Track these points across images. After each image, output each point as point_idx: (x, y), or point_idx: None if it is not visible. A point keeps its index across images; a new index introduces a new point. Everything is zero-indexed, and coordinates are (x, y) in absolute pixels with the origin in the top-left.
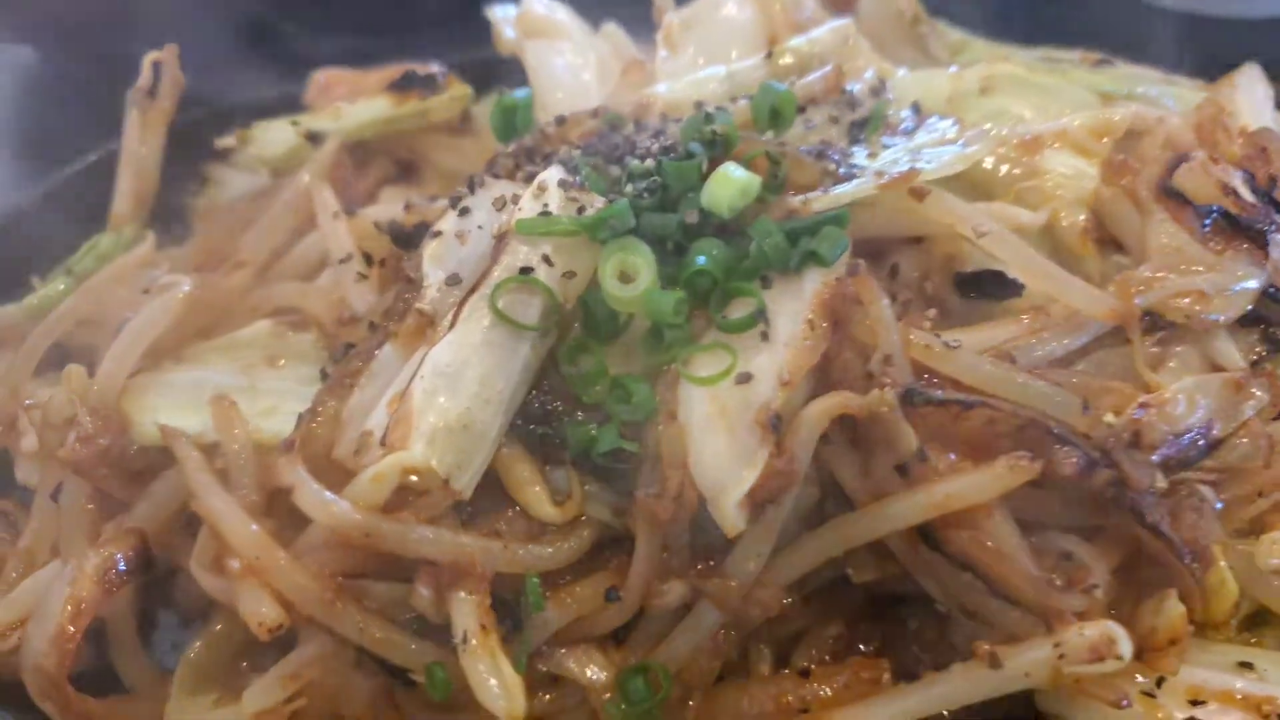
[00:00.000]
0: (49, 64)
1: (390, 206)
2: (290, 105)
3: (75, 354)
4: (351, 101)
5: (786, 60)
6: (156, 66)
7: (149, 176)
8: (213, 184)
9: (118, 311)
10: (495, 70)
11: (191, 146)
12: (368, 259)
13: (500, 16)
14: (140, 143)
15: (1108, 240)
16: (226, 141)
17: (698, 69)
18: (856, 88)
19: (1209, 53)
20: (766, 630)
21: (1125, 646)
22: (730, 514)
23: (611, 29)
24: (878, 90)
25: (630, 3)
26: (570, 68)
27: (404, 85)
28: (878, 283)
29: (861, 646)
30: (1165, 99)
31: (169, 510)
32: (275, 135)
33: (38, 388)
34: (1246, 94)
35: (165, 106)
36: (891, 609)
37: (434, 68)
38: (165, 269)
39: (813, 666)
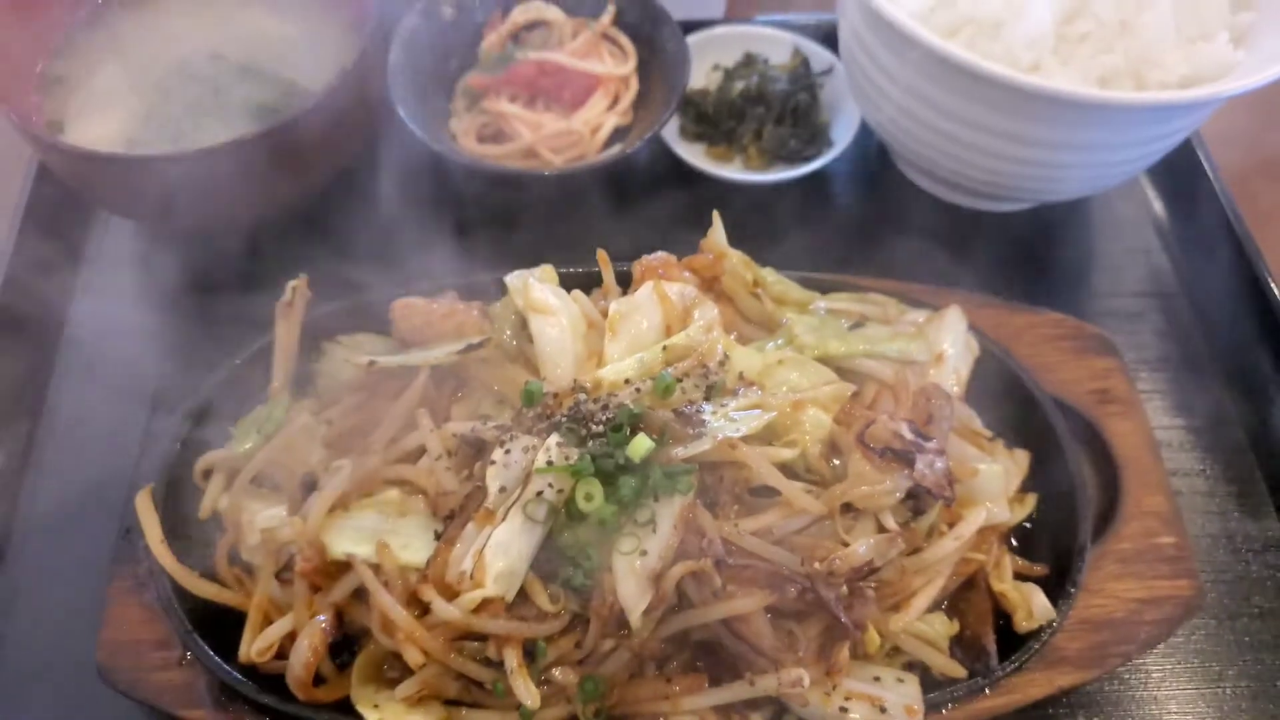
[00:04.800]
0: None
1: (462, 424)
2: (376, 316)
3: (264, 479)
4: (426, 335)
5: (674, 349)
6: (293, 288)
7: (292, 360)
8: (325, 354)
9: (294, 460)
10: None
11: (310, 331)
12: (449, 453)
13: (512, 285)
14: (285, 340)
15: (836, 452)
16: (360, 361)
17: (626, 352)
18: (711, 364)
19: (964, 235)
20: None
21: (806, 681)
22: (637, 620)
23: (578, 294)
24: (723, 363)
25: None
26: (558, 337)
27: (466, 350)
28: (716, 485)
29: (698, 664)
30: (891, 351)
31: (350, 593)
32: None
33: (248, 501)
34: (949, 329)
35: (299, 316)
36: (712, 648)
37: (485, 328)
38: (322, 433)
39: (671, 676)
